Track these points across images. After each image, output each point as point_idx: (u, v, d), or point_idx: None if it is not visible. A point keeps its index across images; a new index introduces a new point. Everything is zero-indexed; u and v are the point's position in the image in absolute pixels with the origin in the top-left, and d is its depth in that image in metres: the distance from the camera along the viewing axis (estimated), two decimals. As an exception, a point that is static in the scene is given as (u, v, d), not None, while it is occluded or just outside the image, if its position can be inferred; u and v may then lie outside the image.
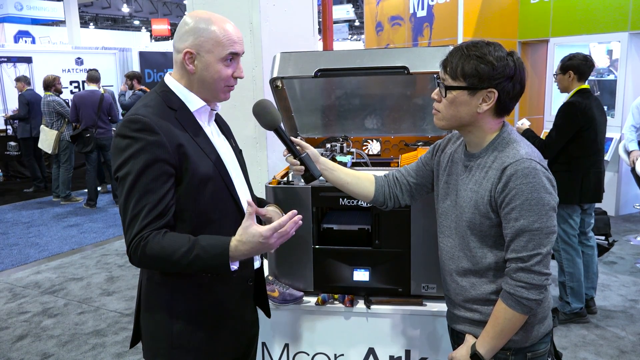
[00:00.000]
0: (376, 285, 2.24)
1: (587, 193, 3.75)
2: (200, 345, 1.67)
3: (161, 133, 1.52)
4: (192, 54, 1.60)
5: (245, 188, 1.80)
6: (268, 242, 1.45)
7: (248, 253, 1.47)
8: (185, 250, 1.45)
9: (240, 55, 1.68)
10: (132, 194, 1.49)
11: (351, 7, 22.44)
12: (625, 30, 6.29)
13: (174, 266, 1.49)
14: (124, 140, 1.53)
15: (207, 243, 1.47)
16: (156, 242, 1.46)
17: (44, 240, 6.38)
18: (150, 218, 1.48)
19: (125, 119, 1.55)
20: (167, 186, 1.52)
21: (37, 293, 4.83)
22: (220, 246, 1.46)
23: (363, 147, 2.73)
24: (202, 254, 1.46)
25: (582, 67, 3.72)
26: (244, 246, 1.45)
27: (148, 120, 1.52)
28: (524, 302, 1.54)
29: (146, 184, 1.49)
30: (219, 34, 1.60)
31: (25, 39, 17.94)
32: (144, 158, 1.50)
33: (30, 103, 8.45)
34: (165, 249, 1.46)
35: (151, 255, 1.46)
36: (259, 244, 1.45)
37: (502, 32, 7.38)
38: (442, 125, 1.65)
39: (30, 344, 3.87)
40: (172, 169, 1.54)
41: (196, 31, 1.59)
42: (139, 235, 1.47)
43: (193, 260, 1.45)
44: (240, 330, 1.78)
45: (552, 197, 1.54)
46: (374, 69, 2.23)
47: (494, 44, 1.56)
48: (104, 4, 24.57)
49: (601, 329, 3.81)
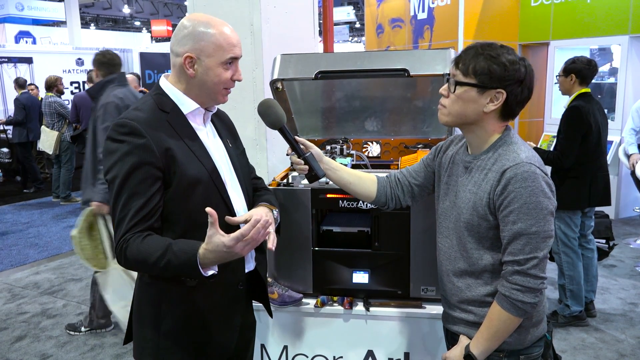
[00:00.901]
0: (375, 288, 2.24)
1: (596, 197, 3.75)
2: (186, 346, 1.67)
3: (148, 136, 1.54)
4: (193, 58, 1.61)
5: (240, 191, 1.78)
6: (233, 250, 1.42)
7: (217, 260, 1.46)
8: (158, 255, 1.47)
9: (239, 58, 1.68)
10: (120, 197, 1.53)
11: (352, 9, 22.46)
12: (626, 33, 6.29)
13: (152, 270, 1.53)
14: (113, 144, 1.56)
15: (178, 248, 1.48)
16: (135, 246, 1.50)
17: (43, 241, 6.38)
18: (134, 221, 1.52)
19: (115, 123, 1.58)
20: (153, 189, 1.54)
21: (36, 293, 4.82)
22: (190, 252, 1.45)
23: (363, 149, 2.73)
24: (174, 259, 1.46)
25: (584, 71, 3.72)
26: (211, 254, 1.44)
27: (135, 124, 1.55)
28: (519, 305, 1.55)
29: (132, 187, 1.52)
30: (219, 38, 1.60)
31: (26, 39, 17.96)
32: (130, 161, 1.53)
33: (27, 107, 8.40)
34: (141, 253, 1.49)
35: (132, 258, 1.51)
36: (224, 252, 1.43)
37: (503, 34, 7.39)
38: (446, 120, 1.66)
39: (29, 344, 3.86)
40: (159, 172, 1.56)
41: (195, 35, 1.60)
42: (123, 238, 1.52)
43: (165, 266, 1.47)
44: (229, 334, 1.77)
45: (550, 201, 1.54)
46: (374, 71, 2.24)
47: (507, 48, 1.57)
48: (104, 4, 24.59)
49: (601, 332, 3.81)
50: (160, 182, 1.56)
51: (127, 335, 1.82)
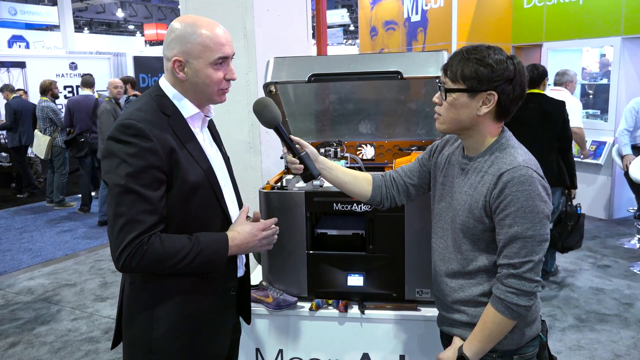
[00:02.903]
0: (370, 290, 2.23)
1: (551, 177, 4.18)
2: (179, 352, 1.65)
3: (155, 139, 1.52)
4: (181, 62, 1.59)
5: (234, 197, 1.79)
6: (256, 238, 1.68)
7: (241, 246, 1.65)
8: (189, 248, 1.54)
9: (231, 57, 1.65)
10: (126, 199, 1.49)
11: (346, 12, 22.50)
12: (618, 34, 6.33)
13: (175, 266, 1.53)
14: (117, 145, 1.52)
15: (204, 237, 1.59)
16: (158, 244, 1.50)
17: (37, 246, 6.34)
18: (149, 223, 1.50)
19: (119, 123, 1.53)
20: (160, 192, 1.53)
21: (30, 299, 4.79)
22: (219, 236, 1.62)
23: (357, 151, 2.73)
24: (205, 248, 1.56)
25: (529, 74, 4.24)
26: (239, 236, 1.64)
27: (142, 126, 1.51)
28: (513, 307, 1.55)
29: (140, 190, 1.49)
30: (205, 39, 1.58)
31: (19, 43, 17.91)
32: (138, 164, 1.49)
33: (17, 111, 8.32)
34: (168, 249, 1.52)
35: (153, 257, 1.50)
36: (249, 236, 1.66)
37: (496, 36, 7.42)
38: (443, 129, 1.66)
39: (23, 350, 3.84)
40: (164, 176, 1.54)
41: (183, 38, 1.58)
42: (139, 239, 1.48)
43: (195, 257, 1.55)
44: (221, 339, 1.77)
45: (546, 205, 1.54)
46: (367, 74, 2.23)
47: (494, 48, 1.57)
48: (98, 8, 24.54)
49: (596, 333, 3.82)
50: (165, 186, 1.55)
51: (115, 339, 1.79)
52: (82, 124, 7.49)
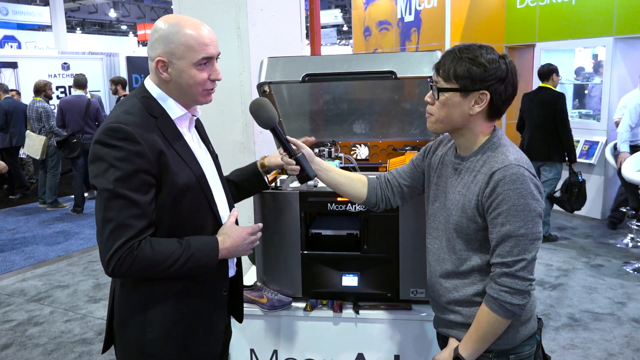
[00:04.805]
0: (365, 291, 2.23)
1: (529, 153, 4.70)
2: (172, 354, 1.64)
3: (143, 143, 1.50)
4: (165, 62, 1.57)
5: (224, 197, 1.78)
6: (247, 241, 1.68)
7: (231, 249, 1.65)
8: (180, 251, 1.53)
9: (216, 57, 1.63)
10: (115, 203, 1.47)
11: (339, 12, 22.47)
12: (610, 35, 6.36)
13: (166, 270, 1.52)
14: (105, 149, 1.49)
15: (195, 240, 1.58)
16: (148, 249, 1.49)
17: (29, 247, 6.30)
18: (139, 227, 1.48)
19: (106, 127, 1.51)
20: (149, 196, 1.51)
21: (22, 301, 4.76)
22: (208, 240, 1.61)
23: (351, 151, 2.73)
24: (196, 252, 1.56)
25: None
26: (229, 240, 1.64)
27: (130, 130, 1.49)
28: (507, 306, 1.55)
29: (129, 194, 1.47)
30: (189, 39, 1.55)
31: (11, 43, 17.80)
32: (126, 168, 1.47)
33: (8, 112, 8.25)
34: (158, 254, 1.50)
35: (144, 262, 1.49)
36: (240, 239, 1.66)
37: (489, 36, 7.45)
38: (435, 128, 1.66)
39: (15, 352, 3.81)
40: (153, 180, 1.53)
41: (166, 38, 1.55)
42: (129, 244, 1.46)
43: (186, 260, 1.54)
44: (214, 340, 1.76)
45: (538, 203, 1.54)
46: (361, 74, 2.23)
47: (486, 47, 1.57)
48: (90, 8, 24.41)
49: (589, 332, 3.83)
50: (154, 189, 1.53)
51: (106, 342, 1.77)
52: (75, 124, 7.45)
